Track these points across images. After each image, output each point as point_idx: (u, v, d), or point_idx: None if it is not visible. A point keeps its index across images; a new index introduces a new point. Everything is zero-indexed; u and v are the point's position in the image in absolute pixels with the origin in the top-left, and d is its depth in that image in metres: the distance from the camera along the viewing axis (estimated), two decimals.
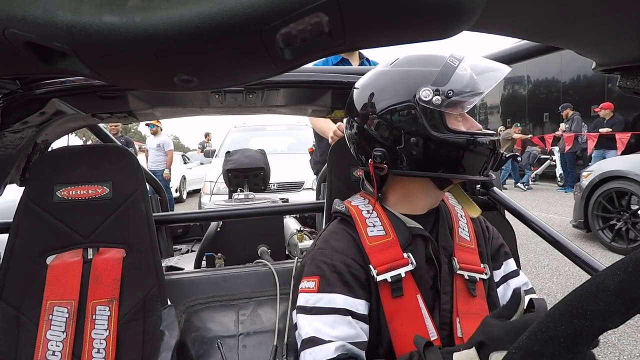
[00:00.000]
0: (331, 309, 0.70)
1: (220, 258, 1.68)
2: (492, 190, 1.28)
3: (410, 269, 0.73)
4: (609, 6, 0.34)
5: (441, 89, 0.71)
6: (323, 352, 0.67)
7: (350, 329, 0.69)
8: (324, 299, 0.71)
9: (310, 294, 0.73)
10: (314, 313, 0.71)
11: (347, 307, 0.70)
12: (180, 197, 9.51)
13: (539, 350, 0.30)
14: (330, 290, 0.71)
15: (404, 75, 0.76)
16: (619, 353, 2.11)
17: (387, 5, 0.24)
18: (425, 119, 0.72)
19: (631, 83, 0.50)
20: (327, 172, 1.25)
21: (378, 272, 0.72)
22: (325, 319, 0.70)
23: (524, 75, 10.85)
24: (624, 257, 0.30)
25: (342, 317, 0.70)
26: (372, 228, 0.77)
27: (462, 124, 0.76)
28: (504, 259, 0.88)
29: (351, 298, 0.71)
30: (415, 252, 0.76)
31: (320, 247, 0.79)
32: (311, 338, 0.69)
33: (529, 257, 3.71)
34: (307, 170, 3.18)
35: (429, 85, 0.71)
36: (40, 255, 1.06)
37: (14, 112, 1.00)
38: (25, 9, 0.23)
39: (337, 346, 0.67)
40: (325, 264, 0.74)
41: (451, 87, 0.71)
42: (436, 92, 0.71)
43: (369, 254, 0.74)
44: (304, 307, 0.73)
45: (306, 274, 0.76)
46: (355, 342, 0.69)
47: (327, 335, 0.68)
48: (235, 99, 1.19)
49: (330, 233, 0.81)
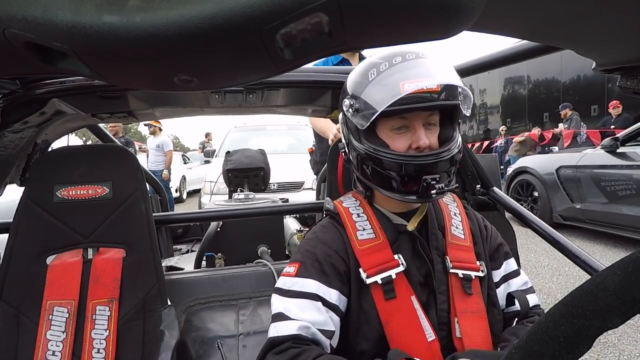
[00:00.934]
0: (303, 293, 0.72)
1: (220, 258, 1.68)
2: (492, 190, 1.28)
3: (401, 270, 0.73)
4: (609, 6, 0.34)
5: (354, 101, 0.74)
6: (287, 327, 0.69)
7: (319, 314, 0.71)
8: (299, 283, 0.74)
9: (288, 277, 0.76)
10: (288, 296, 0.73)
11: (319, 294, 0.72)
12: (180, 197, 9.51)
13: (539, 350, 0.30)
14: (307, 276, 0.74)
15: (348, 80, 0.81)
16: (619, 353, 2.11)
17: (387, 6, 0.24)
18: (347, 125, 0.79)
19: (631, 83, 0.50)
20: (327, 172, 1.25)
21: (368, 275, 0.73)
22: (296, 302, 0.72)
23: (524, 75, 10.86)
24: (624, 257, 0.30)
25: (313, 302, 0.72)
26: (362, 232, 0.78)
27: (403, 137, 0.73)
28: (504, 259, 0.87)
29: (324, 286, 0.73)
30: (401, 249, 0.77)
31: (308, 237, 0.83)
32: (279, 313, 0.72)
33: (529, 257, 3.71)
34: (307, 170, 3.18)
35: (351, 93, 0.76)
36: (40, 255, 1.06)
37: (14, 112, 1.00)
38: (25, 9, 0.23)
39: (300, 325, 0.69)
40: (308, 252, 0.78)
41: (360, 100, 0.73)
42: (351, 103, 0.75)
43: (359, 258, 0.75)
44: (281, 289, 0.75)
45: (291, 260, 0.80)
46: (321, 329, 0.70)
47: (295, 315, 0.70)
48: (235, 99, 1.19)
49: (319, 226, 0.85)
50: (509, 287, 0.85)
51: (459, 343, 0.72)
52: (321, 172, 2.10)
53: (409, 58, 0.70)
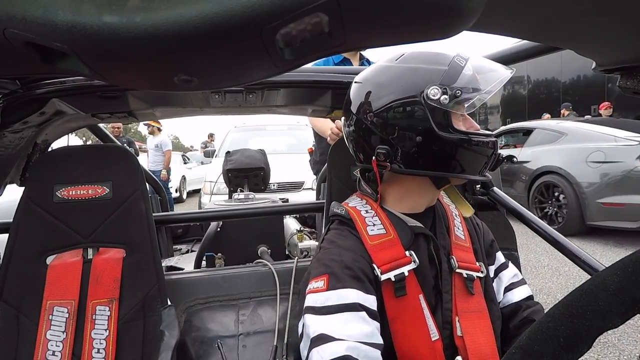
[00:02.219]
0: (343, 305, 0.65)
1: (220, 258, 1.68)
2: (492, 190, 1.28)
3: (413, 267, 0.72)
4: (609, 6, 0.34)
5: (449, 88, 0.70)
6: (331, 350, 0.61)
7: (365, 325, 0.64)
8: (334, 296, 0.66)
9: (319, 293, 0.68)
10: (324, 313, 0.65)
11: (360, 302, 0.66)
12: (180, 197, 9.51)
13: (539, 350, 0.30)
14: (342, 286, 0.67)
15: (410, 72, 0.74)
16: (619, 353, 2.11)
17: (386, 6, 0.24)
18: (432, 118, 0.71)
19: (631, 83, 0.50)
20: (327, 172, 1.25)
21: (382, 271, 0.71)
22: (337, 318, 0.64)
23: (524, 75, 10.86)
24: (624, 257, 0.30)
25: (356, 313, 0.65)
26: (372, 227, 0.76)
27: (463, 124, 0.76)
28: (495, 253, 0.90)
29: (363, 293, 0.67)
30: (418, 251, 0.75)
31: (325, 247, 0.76)
32: (320, 336, 0.63)
33: (529, 257, 3.71)
34: (307, 170, 3.18)
35: (437, 83, 0.71)
36: (40, 255, 1.06)
37: (14, 112, 1.00)
38: (25, 9, 0.23)
39: (348, 346, 0.61)
40: (334, 261, 0.71)
41: (458, 86, 0.71)
42: (444, 91, 0.70)
43: (371, 253, 0.73)
44: (313, 307, 0.67)
45: (313, 275, 0.72)
46: (370, 343, 0.63)
47: (338, 333, 0.62)
48: (235, 99, 1.19)
49: (335, 234, 0.79)
50: (500, 281, 0.87)
51: (460, 342, 0.72)
52: (321, 172, 2.10)
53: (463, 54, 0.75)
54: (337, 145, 1.23)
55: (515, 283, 0.88)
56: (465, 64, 0.72)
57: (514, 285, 0.87)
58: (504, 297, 0.86)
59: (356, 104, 0.79)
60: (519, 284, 0.88)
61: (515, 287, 0.87)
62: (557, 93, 9.73)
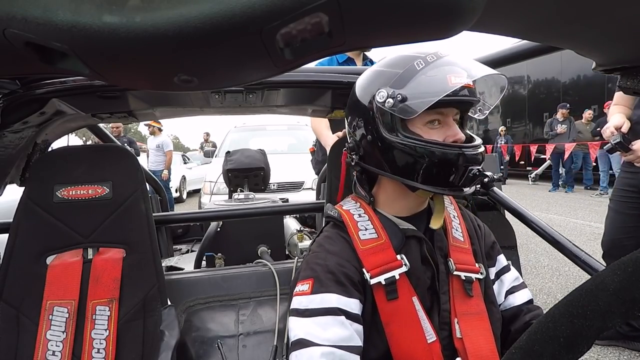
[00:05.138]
0: (324, 309, 0.69)
1: (220, 258, 1.69)
2: (492, 190, 1.28)
3: (404, 270, 0.73)
4: (609, 6, 0.34)
5: (396, 92, 0.70)
6: (307, 355, 0.65)
7: (343, 329, 0.67)
8: (317, 300, 0.70)
9: (304, 296, 0.71)
10: (307, 315, 0.69)
11: (340, 307, 0.69)
12: (180, 197, 9.51)
13: (539, 350, 0.30)
14: (324, 290, 0.70)
15: (374, 75, 0.78)
16: (619, 353, 2.11)
17: (386, 6, 0.24)
18: (380, 120, 0.74)
19: (631, 83, 0.50)
20: (327, 172, 1.25)
21: (371, 276, 0.72)
22: (317, 321, 0.68)
23: (524, 75, 10.86)
24: (624, 257, 0.30)
25: (335, 317, 0.68)
26: (364, 231, 0.77)
27: (437, 131, 0.73)
28: (497, 256, 0.89)
29: (345, 297, 0.70)
30: (410, 253, 0.76)
31: (314, 251, 0.79)
32: (299, 340, 0.67)
33: (529, 257, 3.71)
34: (307, 170, 3.18)
35: (387, 86, 0.72)
36: (40, 255, 1.06)
37: (14, 112, 1.00)
38: (25, 9, 0.23)
39: (323, 352, 0.64)
40: (319, 265, 0.74)
41: (407, 91, 0.70)
42: (391, 94, 0.71)
43: (362, 258, 0.74)
44: (297, 309, 0.71)
45: (301, 278, 0.75)
46: (348, 346, 0.66)
47: (317, 337, 0.66)
48: (235, 99, 1.19)
49: (324, 238, 0.81)
50: (502, 284, 0.87)
51: (460, 344, 0.72)
52: (321, 172, 2.10)
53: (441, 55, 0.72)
54: (337, 145, 1.23)
55: (516, 286, 0.87)
56: (423, 67, 0.70)
57: (516, 289, 0.87)
58: (505, 300, 0.86)
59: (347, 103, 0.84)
60: (520, 287, 0.87)
61: (517, 290, 0.87)
62: (557, 93, 9.73)
